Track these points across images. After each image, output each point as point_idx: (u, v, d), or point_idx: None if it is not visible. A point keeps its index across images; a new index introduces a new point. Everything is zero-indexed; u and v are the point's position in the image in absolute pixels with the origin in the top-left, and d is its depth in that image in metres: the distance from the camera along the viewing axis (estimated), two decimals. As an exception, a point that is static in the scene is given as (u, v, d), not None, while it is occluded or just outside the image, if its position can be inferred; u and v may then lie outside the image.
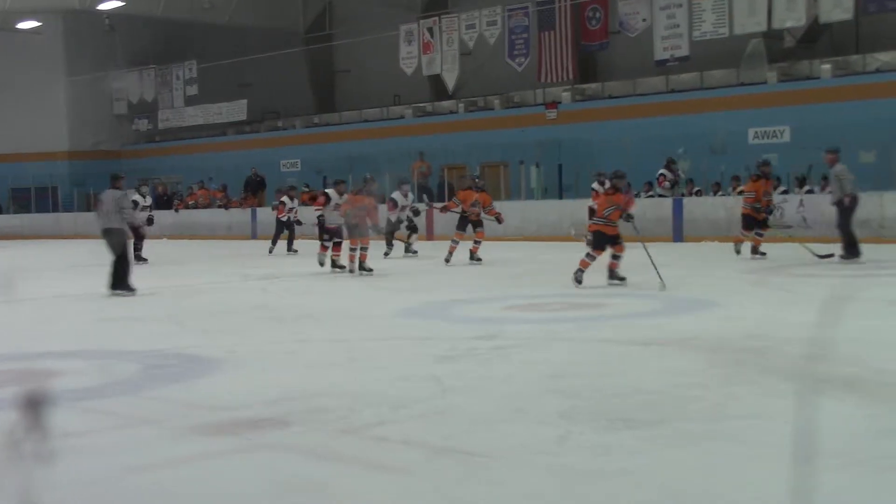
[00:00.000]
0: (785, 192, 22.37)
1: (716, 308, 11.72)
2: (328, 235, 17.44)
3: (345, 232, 17.24)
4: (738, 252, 17.89)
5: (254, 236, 31.05)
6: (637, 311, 11.73)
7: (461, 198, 18.80)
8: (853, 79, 24.61)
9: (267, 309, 13.19)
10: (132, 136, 41.90)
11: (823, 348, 8.65)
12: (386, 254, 20.34)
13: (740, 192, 19.95)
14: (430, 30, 31.50)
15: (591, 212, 19.50)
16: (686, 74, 27.69)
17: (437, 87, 33.24)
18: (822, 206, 20.42)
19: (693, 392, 7.15)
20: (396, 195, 20.57)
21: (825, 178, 21.09)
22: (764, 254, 17.55)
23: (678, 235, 22.86)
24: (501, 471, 5.45)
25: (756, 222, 17.56)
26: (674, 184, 24.14)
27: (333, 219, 17.28)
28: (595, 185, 21.21)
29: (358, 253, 16.68)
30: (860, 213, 19.19)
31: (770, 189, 18.09)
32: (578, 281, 13.64)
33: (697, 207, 23.33)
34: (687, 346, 9.17)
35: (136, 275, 15.24)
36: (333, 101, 38.51)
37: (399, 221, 20.79)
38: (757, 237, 17.66)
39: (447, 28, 31.09)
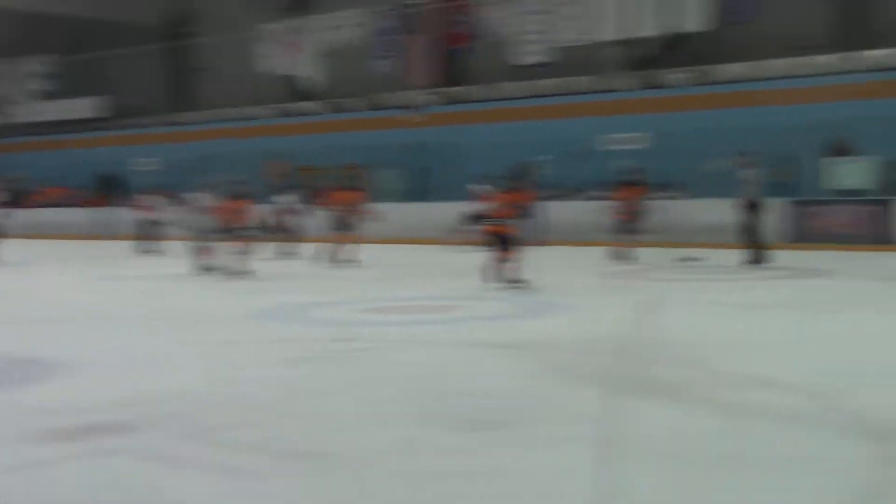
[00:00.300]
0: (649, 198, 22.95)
1: (571, 311, 11.97)
2: (203, 238, 17.37)
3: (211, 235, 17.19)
4: (612, 257, 18.12)
5: (108, 236, 30.47)
6: (493, 314, 11.89)
7: (337, 198, 19.13)
8: (708, 88, 25.35)
9: (118, 310, 12.99)
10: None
11: (659, 350, 9.10)
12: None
13: (617, 199, 19.59)
14: (293, 30, 31.41)
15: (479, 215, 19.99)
16: (548, 80, 28.01)
17: (297, 87, 33.20)
18: (675, 210, 21.50)
19: (538, 394, 7.34)
20: (280, 198, 21.11)
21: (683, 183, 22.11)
22: (636, 258, 17.89)
23: (534, 238, 23.30)
24: (350, 474, 5.49)
25: (627, 227, 17.92)
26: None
27: (204, 222, 17.29)
28: (477, 188, 20.97)
29: (231, 256, 16.72)
30: (711, 219, 20.20)
31: (642, 196, 18.45)
32: (492, 280, 13.81)
33: (559, 211, 23.54)
34: (538, 348, 9.34)
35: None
36: (191, 99, 38.00)
37: (275, 223, 21.07)
38: (628, 242, 18.04)
39: (310, 28, 30.99)
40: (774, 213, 20.33)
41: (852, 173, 20.36)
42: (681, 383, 7.73)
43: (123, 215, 28.85)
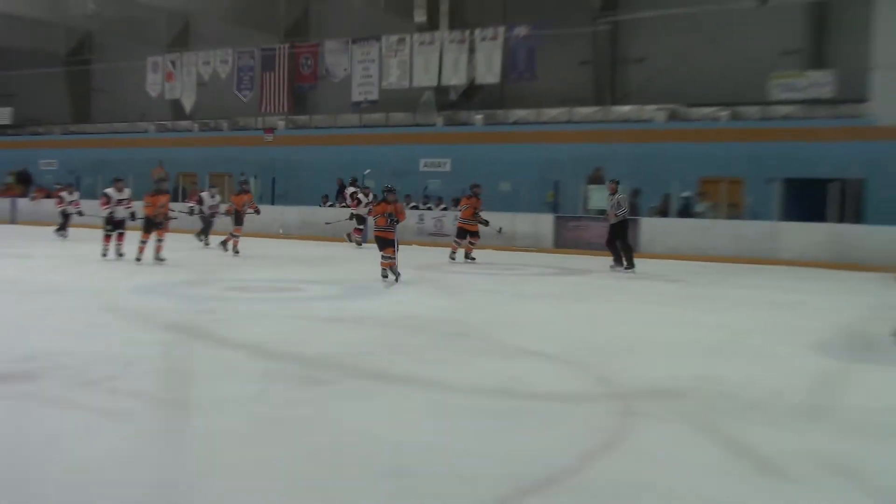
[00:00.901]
0: (445, 208, 22.95)
1: (386, 295, 11.83)
2: (111, 227, 15.99)
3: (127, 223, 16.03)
4: (452, 258, 17.04)
5: (13, 222, 28.98)
6: (325, 295, 11.71)
7: (235, 200, 18.23)
8: (498, 127, 25.55)
9: (20, 283, 12.31)
10: None
11: (465, 326, 8.97)
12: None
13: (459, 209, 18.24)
14: (173, 62, 30.51)
15: (359, 218, 20.40)
16: (375, 114, 27.93)
17: (176, 108, 32.22)
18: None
19: (363, 357, 7.26)
20: (205, 195, 19.83)
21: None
22: (474, 258, 17.02)
23: (365, 238, 23.01)
24: (209, 416, 5.42)
25: (468, 233, 17.02)
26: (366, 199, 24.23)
27: (119, 212, 15.93)
28: (357, 195, 20.81)
29: (153, 244, 15.29)
30: (499, 226, 19.99)
31: (480, 206, 17.28)
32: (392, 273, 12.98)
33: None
34: (361, 322, 9.26)
35: None
36: (89, 114, 36.53)
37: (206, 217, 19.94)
38: (470, 245, 17.04)
39: (187, 62, 30.20)
40: (546, 226, 20.44)
41: (605, 197, 20.46)
42: (470, 350, 7.75)
43: (42, 205, 28.15)
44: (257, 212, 18.83)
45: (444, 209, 22.96)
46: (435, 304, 10.92)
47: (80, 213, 21.46)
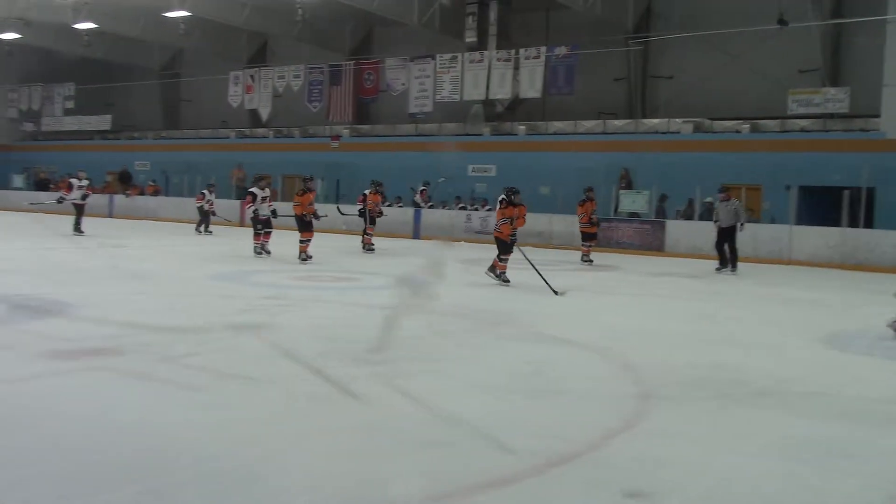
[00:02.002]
0: (490, 209, 22.88)
1: (429, 285, 11.72)
2: (260, 225, 15.19)
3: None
4: (583, 260, 16.20)
5: (110, 216, 29.37)
6: (377, 285, 11.65)
7: (302, 200, 15.04)
8: (539, 137, 25.40)
9: (114, 269, 12.49)
10: (20, 135, 38.99)
11: (504, 315, 8.92)
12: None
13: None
14: (252, 76, 30.80)
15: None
16: (429, 124, 27.92)
17: (254, 117, 32.51)
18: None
19: (413, 341, 7.22)
20: (255, 190, 16.25)
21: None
22: (591, 261, 16.13)
23: (417, 234, 23.11)
24: (271, 390, 5.45)
25: (588, 236, 16.25)
26: (427, 200, 24.26)
27: (263, 210, 15.17)
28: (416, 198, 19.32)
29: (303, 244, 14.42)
30: (538, 227, 19.93)
31: (595, 208, 16.64)
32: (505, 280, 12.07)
33: (430, 216, 23.46)
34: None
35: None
36: (178, 121, 36.99)
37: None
38: (586, 247, 16.33)
39: (264, 76, 30.47)
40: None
41: (635, 201, 20.28)
42: (507, 336, 7.75)
43: (135, 201, 29.25)
44: (316, 216, 15.93)
45: (489, 210, 22.93)
46: (477, 295, 10.88)
47: (213, 213, 21.55)
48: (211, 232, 21.44)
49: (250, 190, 15.47)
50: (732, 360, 6.86)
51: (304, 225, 14.53)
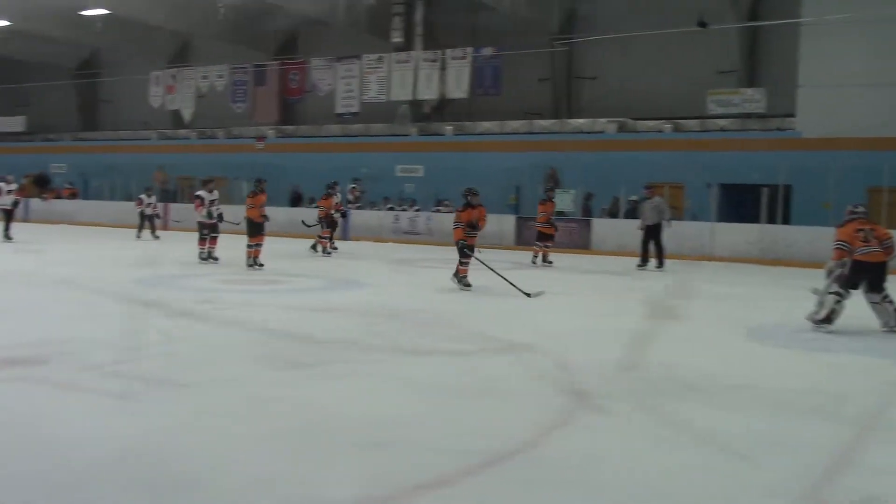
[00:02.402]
0: (418, 209, 22.95)
1: (367, 287, 11.81)
2: (207, 230, 14.59)
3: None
4: (534, 262, 15.93)
5: (25, 220, 28.29)
6: (311, 287, 11.66)
7: (255, 202, 14.19)
8: (466, 137, 25.50)
9: (33, 275, 12.18)
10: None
11: (436, 316, 8.93)
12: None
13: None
14: (174, 76, 30.27)
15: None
16: (356, 125, 27.79)
17: (176, 118, 31.94)
18: (444, 221, 21.18)
19: (346, 343, 7.20)
20: (203, 193, 15.17)
21: (442, 201, 21.90)
22: (551, 262, 15.83)
23: (346, 235, 22.96)
24: (205, 396, 5.38)
25: (544, 236, 16.07)
26: (358, 198, 24.00)
27: (208, 215, 14.59)
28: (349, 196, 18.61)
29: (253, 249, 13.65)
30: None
31: (553, 210, 16.49)
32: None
33: (358, 217, 23.23)
34: (344, 311, 9.21)
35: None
36: (96, 122, 36.09)
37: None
38: (538, 247, 16.04)
39: (186, 76, 30.00)
40: (509, 226, 20.51)
41: (562, 200, 20.53)
42: (441, 336, 7.71)
43: (53, 205, 28.31)
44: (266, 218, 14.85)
45: (418, 210, 22.98)
46: (410, 296, 10.90)
47: (157, 216, 20.87)
48: (158, 237, 20.82)
49: (197, 193, 14.94)
50: (660, 356, 7.01)
51: (256, 228, 13.76)
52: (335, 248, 17.75)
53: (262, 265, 13.46)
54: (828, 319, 8.51)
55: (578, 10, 25.77)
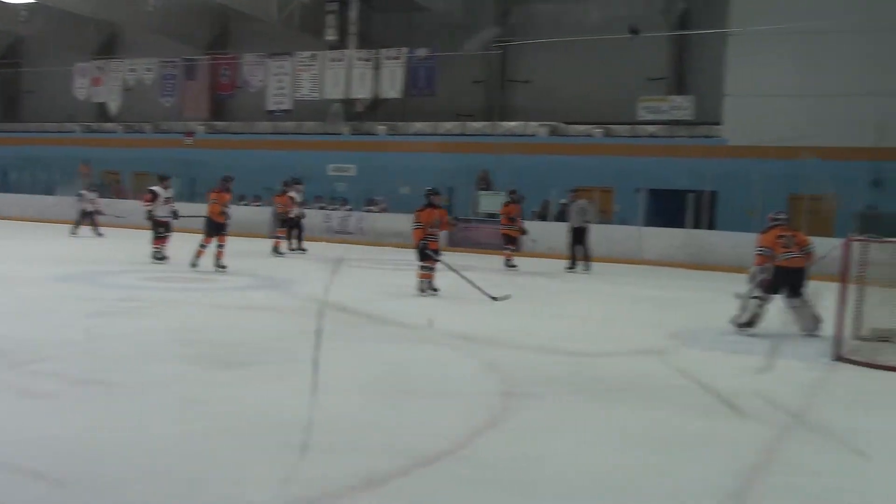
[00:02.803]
0: (350, 209, 22.82)
1: (297, 286, 11.68)
2: (162, 228, 13.88)
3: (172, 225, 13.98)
4: (513, 266, 15.58)
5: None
6: (242, 286, 11.44)
7: (219, 198, 13.32)
8: (399, 137, 25.43)
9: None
10: None
11: (368, 315, 8.89)
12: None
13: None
14: (100, 68, 29.48)
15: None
16: (288, 122, 27.49)
17: (102, 111, 31.15)
18: (376, 220, 21.11)
19: (273, 342, 7.14)
20: (157, 189, 14.30)
21: (372, 200, 21.84)
22: (515, 266, 15.53)
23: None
24: (130, 396, 5.26)
25: (508, 239, 15.80)
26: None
27: (163, 212, 13.92)
28: (293, 194, 17.38)
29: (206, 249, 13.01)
30: (398, 227, 19.97)
31: (521, 211, 16.23)
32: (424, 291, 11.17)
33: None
34: (272, 310, 9.14)
35: None
36: (18, 113, 34.94)
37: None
38: (508, 251, 15.84)
39: (114, 69, 29.21)
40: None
41: (492, 202, 20.62)
42: (372, 336, 7.62)
43: None
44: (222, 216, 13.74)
45: (350, 210, 22.85)
46: (341, 295, 10.78)
47: (99, 213, 20.16)
48: (102, 234, 20.05)
49: (151, 188, 14.26)
50: (590, 358, 7.08)
51: (217, 228, 13.01)
52: (303, 251, 17.14)
53: (225, 267, 12.85)
54: (750, 323, 8.72)
55: (512, 13, 25.96)
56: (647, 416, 5.28)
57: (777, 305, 8.90)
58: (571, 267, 15.55)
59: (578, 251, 15.56)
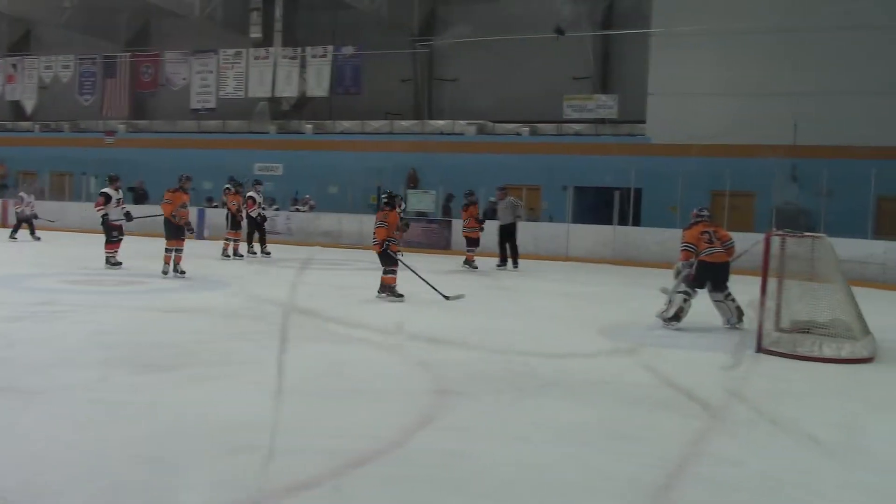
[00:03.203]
0: (277, 209, 22.56)
1: (226, 287, 11.52)
2: (116, 232, 13.23)
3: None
4: (471, 266, 15.27)
5: None
6: (168, 288, 11.23)
7: (174, 199, 12.60)
8: (327, 136, 25.30)
9: None
10: None
11: (299, 316, 8.79)
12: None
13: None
14: (14, 65, 28.62)
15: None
16: (213, 121, 27.12)
17: (17, 110, 30.24)
18: (303, 220, 20.96)
19: (203, 345, 7.02)
20: (109, 191, 13.43)
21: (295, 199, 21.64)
22: (476, 266, 15.25)
23: (200, 235, 22.27)
24: (51, 402, 5.12)
25: (471, 241, 15.53)
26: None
27: (116, 215, 13.27)
28: (253, 195, 16.58)
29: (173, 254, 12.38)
30: (326, 226, 19.89)
31: (478, 213, 15.82)
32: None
33: (215, 216, 22.38)
34: (203, 312, 8.99)
35: None
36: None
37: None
38: (470, 252, 15.50)
39: (28, 66, 28.40)
40: (370, 226, 20.44)
41: (422, 201, 20.64)
42: (302, 336, 7.48)
43: None
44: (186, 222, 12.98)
45: (277, 209, 22.59)
46: (271, 296, 10.70)
47: (35, 216, 19.35)
48: (39, 238, 19.28)
49: (103, 191, 13.58)
50: (520, 354, 7.15)
51: (175, 231, 12.43)
52: (267, 254, 16.37)
53: (184, 272, 12.34)
54: (676, 317, 8.92)
55: (438, 12, 26.04)
56: (577, 411, 5.35)
57: (701, 300, 9.11)
58: (502, 264, 15.67)
59: (509, 249, 15.69)
